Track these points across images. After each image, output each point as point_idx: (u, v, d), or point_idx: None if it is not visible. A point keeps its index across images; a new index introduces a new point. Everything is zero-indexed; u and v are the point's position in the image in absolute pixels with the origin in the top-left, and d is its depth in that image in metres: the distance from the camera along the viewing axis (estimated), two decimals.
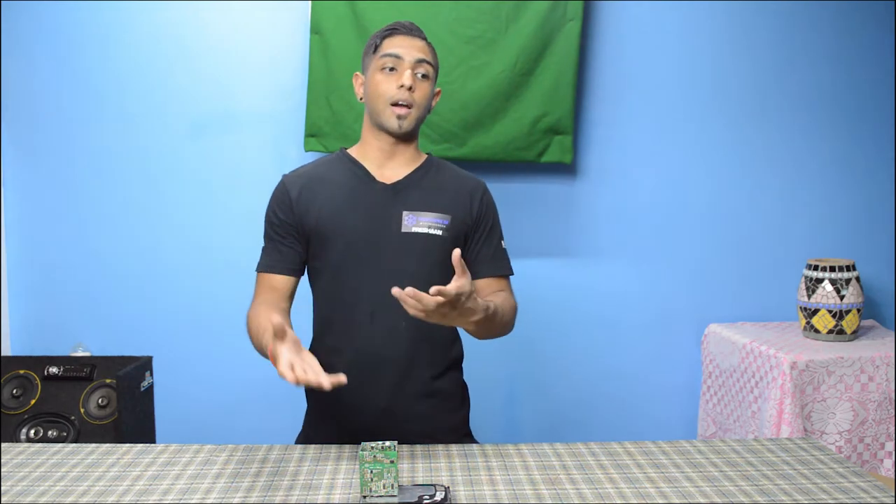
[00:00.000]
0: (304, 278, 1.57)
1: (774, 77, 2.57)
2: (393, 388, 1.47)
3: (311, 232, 1.49)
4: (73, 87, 2.41)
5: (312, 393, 1.55)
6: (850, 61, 2.58)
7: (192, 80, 2.43)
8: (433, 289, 1.17)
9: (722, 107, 2.56)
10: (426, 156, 1.59)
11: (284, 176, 1.55)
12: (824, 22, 2.56)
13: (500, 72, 2.34)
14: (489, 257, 1.55)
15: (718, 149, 2.58)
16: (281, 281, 1.50)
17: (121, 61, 2.41)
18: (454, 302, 1.19)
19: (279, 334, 1.15)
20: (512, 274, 1.59)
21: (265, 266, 1.52)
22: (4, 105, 2.40)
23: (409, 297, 1.16)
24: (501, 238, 1.59)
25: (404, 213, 1.48)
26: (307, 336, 1.58)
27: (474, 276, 1.54)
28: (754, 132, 2.58)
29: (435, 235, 1.48)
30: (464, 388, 1.61)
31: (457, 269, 1.20)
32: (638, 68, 2.52)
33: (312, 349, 1.55)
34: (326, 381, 1.12)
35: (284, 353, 1.15)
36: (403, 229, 1.47)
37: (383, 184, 1.50)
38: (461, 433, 1.57)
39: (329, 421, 1.51)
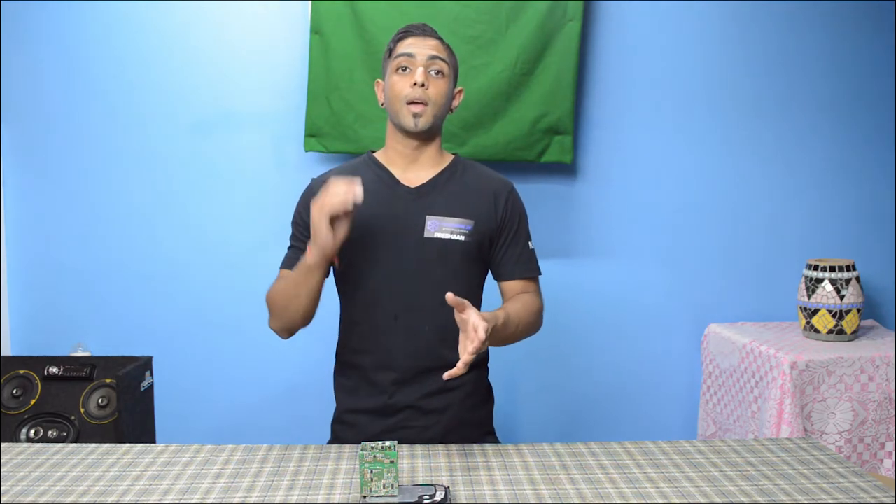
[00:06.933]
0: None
1: (775, 77, 2.56)
2: (417, 386, 1.48)
3: None
4: (72, 87, 2.41)
5: (341, 393, 1.56)
6: (850, 61, 2.58)
7: (192, 80, 2.43)
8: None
9: (722, 106, 2.56)
10: (452, 156, 1.58)
11: (313, 179, 1.57)
12: (824, 22, 2.56)
13: (500, 72, 2.34)
14: (515, 259, 1.55)
15: (718, 148, 2.58)
16: None
17: (120, 61, 2.41)
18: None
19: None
20: (539, 274, 1.59)
21: (289, 265, 1.50)
22: (4, 104, 2.40)
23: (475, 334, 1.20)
24: (529, 239, 1.58)
25: (427, 217, 1.48)
26: (332, 338, 1.59)
27: (501, 278, 1.56)
28: (754, 132, 2.58)
29: (457, 241, 1.49)
30: (488, 387, 1.62)
31: (456, 308, 1.23)
32: (638, 68, 2.52)
33: (338, 350, 1.57)
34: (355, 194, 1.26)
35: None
36: (426, 234, 1.48)
37: (407, 187, 1.51)
38: (484, 430, 1.58)
39: (359, 416, 1.52)
